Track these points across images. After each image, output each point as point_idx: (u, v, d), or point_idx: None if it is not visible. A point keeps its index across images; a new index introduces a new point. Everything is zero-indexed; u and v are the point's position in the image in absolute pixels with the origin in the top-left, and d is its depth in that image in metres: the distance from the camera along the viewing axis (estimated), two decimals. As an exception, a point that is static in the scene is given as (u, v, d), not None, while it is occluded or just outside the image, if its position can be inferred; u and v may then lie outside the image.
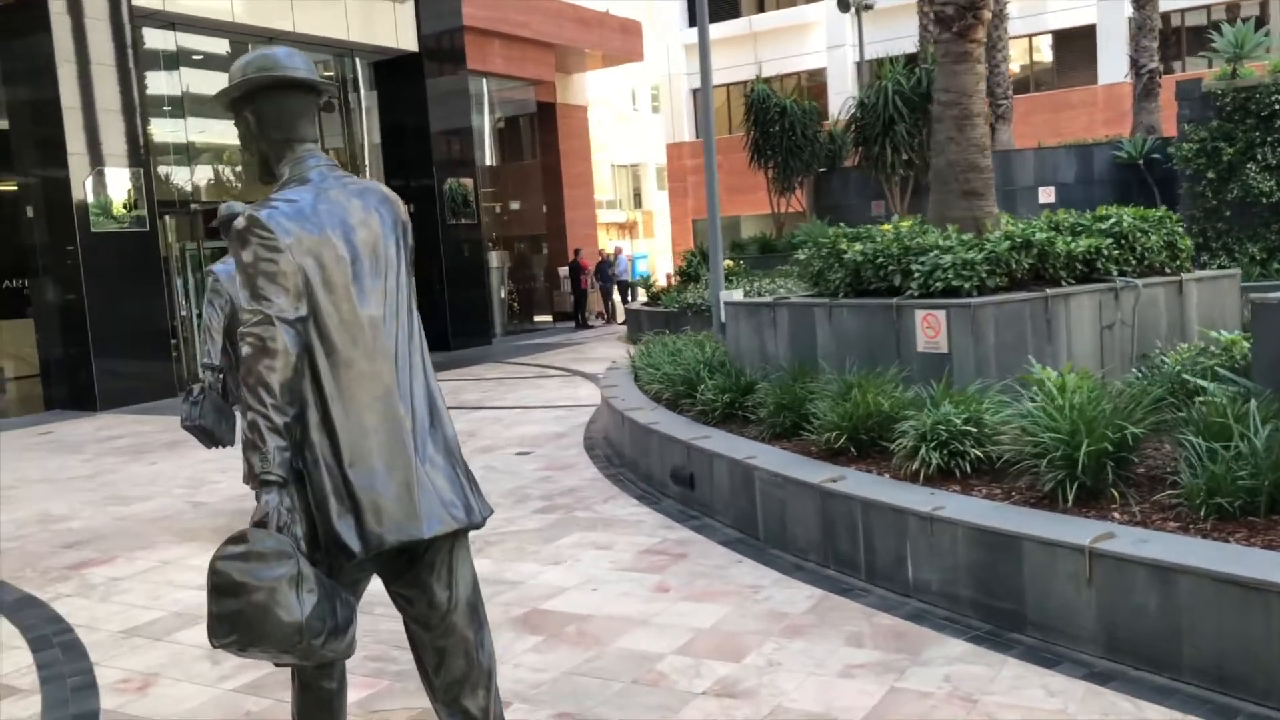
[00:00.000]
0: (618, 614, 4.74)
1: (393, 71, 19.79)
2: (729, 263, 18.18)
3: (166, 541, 6.81)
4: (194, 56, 17.52)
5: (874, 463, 5.40)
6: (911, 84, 16.66)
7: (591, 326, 24.33)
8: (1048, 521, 4.12)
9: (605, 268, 25.47)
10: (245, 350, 2.50)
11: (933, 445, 4.92)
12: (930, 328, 6.22)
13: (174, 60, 17.08)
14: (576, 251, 24.85)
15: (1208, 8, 27.78)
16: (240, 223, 2.59)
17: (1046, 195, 17.38)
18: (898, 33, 23.05)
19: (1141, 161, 17.19)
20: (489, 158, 23.32)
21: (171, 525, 7.27)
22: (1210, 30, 27.70)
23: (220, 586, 2.38)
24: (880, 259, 6.70)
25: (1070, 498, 4.23)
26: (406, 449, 2.64)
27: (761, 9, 33.91)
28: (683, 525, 6.15)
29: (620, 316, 25.05)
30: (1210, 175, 14.66)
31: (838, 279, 7.04)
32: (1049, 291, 6.28)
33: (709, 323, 15.06)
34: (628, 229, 41.31)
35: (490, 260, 22.29)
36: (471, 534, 2.88)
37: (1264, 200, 14.07)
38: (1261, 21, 19.93)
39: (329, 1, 17.95)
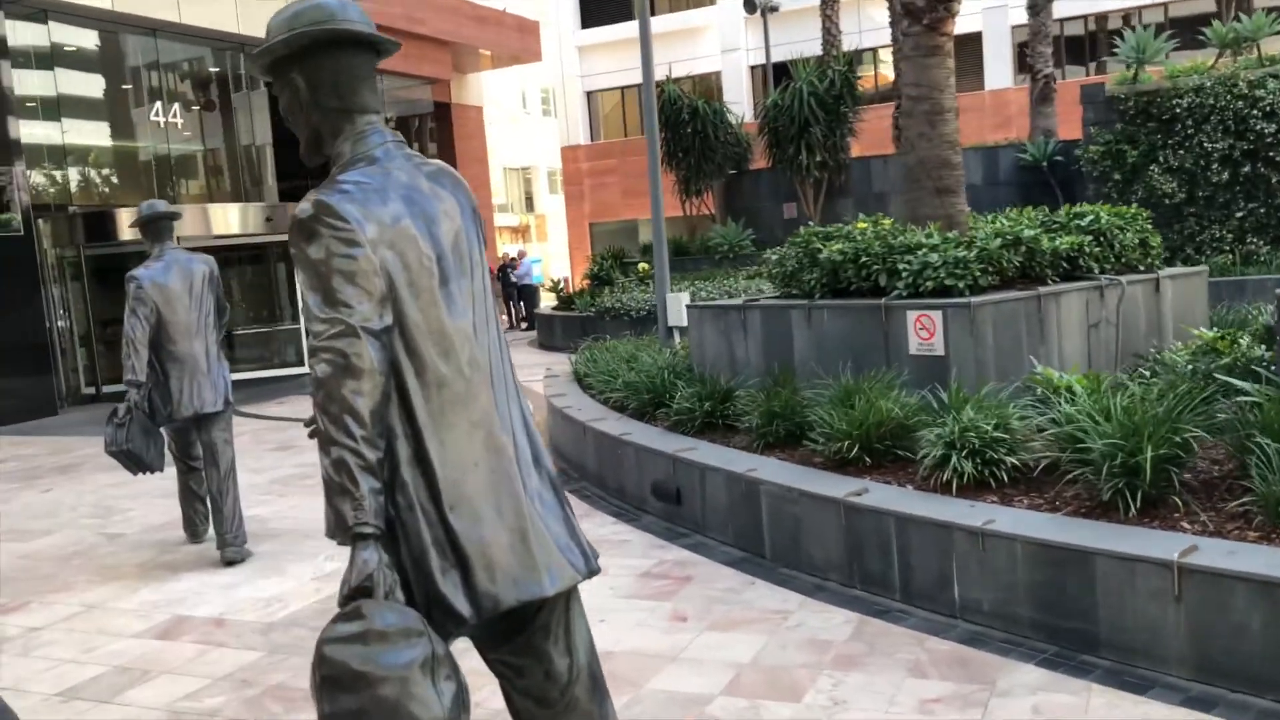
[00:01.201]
0: (641, 649, 4.29)
1: (285, 67, 18.77)
2: (643, 265, 17.86)
3: (85, 582, 6.04)
4: (66, 49, 16.24)
5: (890, 473, 5.09)
6: (825, 85, 16.62)
7: (495, 333, 23.66)
8: (1118, 534, 3.86)
9: (507, 271, 24.84)
10: (322, 370, 1.99)
11: (964, 454, 4.63)
12: (924, 329, 5.96)
13: (47, 59, 15.77)
14: (477, 256, 24.13)
15: (1084, 18, 28.79)
16: (305, 210, 2.08)
17: (955, 197, 17.56)
18: (801, 35, 23.12)
19: (1045, 164, 17.55)
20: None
21: (87, 563, 6.48)
22: (1094, 38, 28.77)
23: (335, 680, 1.87)
24: (863, 258, 6.41)
25: (1135, 507, 3.98)
26: (514, 486, 2.16)
27: (653, 12, 33.76)
28: (675, 544, 5.73)
29: (523, 322, 24.46)
30: (1116, 177, 15.00)
31: (814, 279, 6.73)
32: (1041, 290, 6.10)
33: (630, 327, 14.71)
34: (520, 233, 40.62)
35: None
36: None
37: (1167, 201, 14.45)
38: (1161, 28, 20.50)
39: (217, -8, 16.91)
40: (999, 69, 28.28)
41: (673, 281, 16.57)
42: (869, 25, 24.66)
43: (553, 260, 38.07)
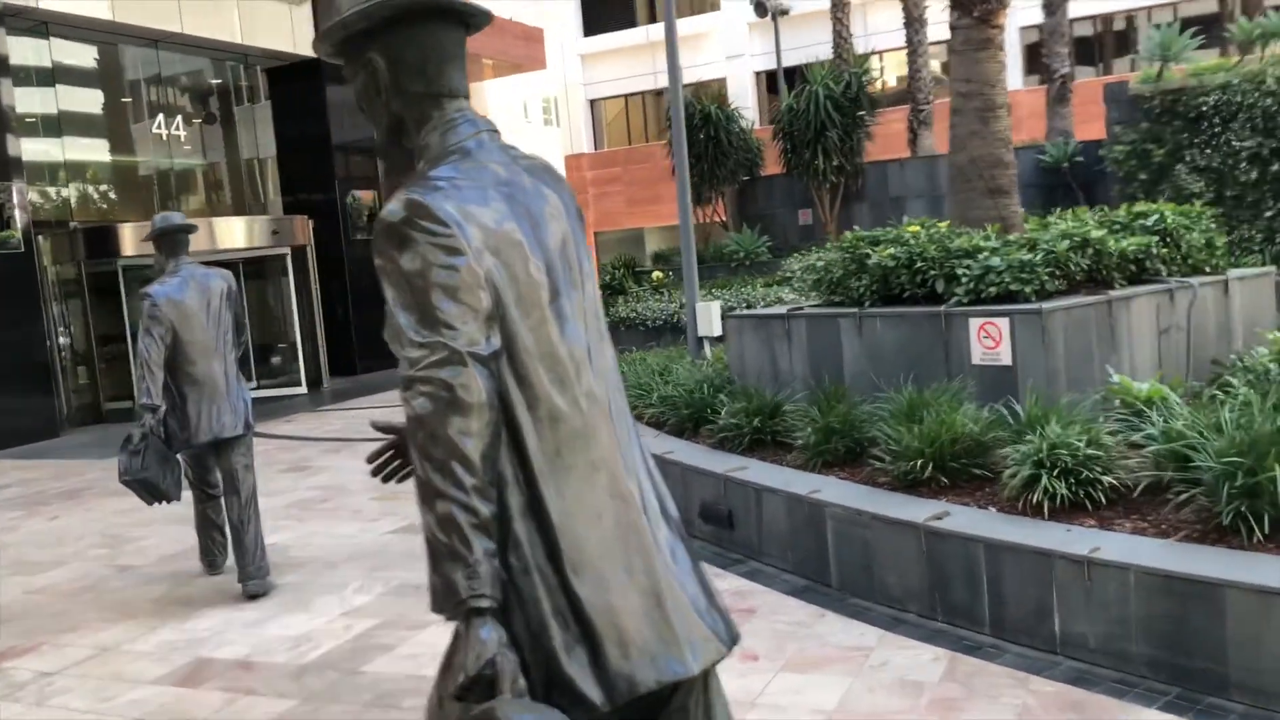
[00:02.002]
0: (714, 694, 3.92)
1: (289, 79, 18.46)
2: (657, 273, 17.51)
3: (97, 620, 5.66)
4: (66, 64, 15.90)
5: (966, 494, 4.73)
6: (841, 89, 16.29)
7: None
8: (1250, 563, 3.50)
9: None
10: (421, 405, 1.63)
11: (1054, 473, 4.27)
12: (989, 337, 5.61)
13: (48, 75, 15.44)
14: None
15: (1092, 18, 28.55)
16: (395, 212, 1.72)
17: (973, 200, 17.23)
18: (809, 40, 22.82)
19: (1066, 165, 17.22)
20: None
21: (99, 598, 6.11)
22: (1101, 39, 28.50)
23: None
24: (918, 263, 6.07)
25: (1262, 532, 3.62)
26: (644, 540, 1.81)
27: (653, 19, 33.46)
28: (730, 572, 5.36)
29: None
30: (1142, 177, 14.67)
31: (863, 286, 6.38)
32: (1111, 294, 5.75)
33: (650, 337, 14.36)
34: (522, 244, 40.26)
35: (395, 278, 20.96)
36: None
37: (1195, 201, 14.12)
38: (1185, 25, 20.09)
39: (219, 2, 16.58)
40: (1010, 70, 27.94)
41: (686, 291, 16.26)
42: (875, 29, 24.34)
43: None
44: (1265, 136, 13.85)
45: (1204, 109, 14.25)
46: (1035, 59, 28.00)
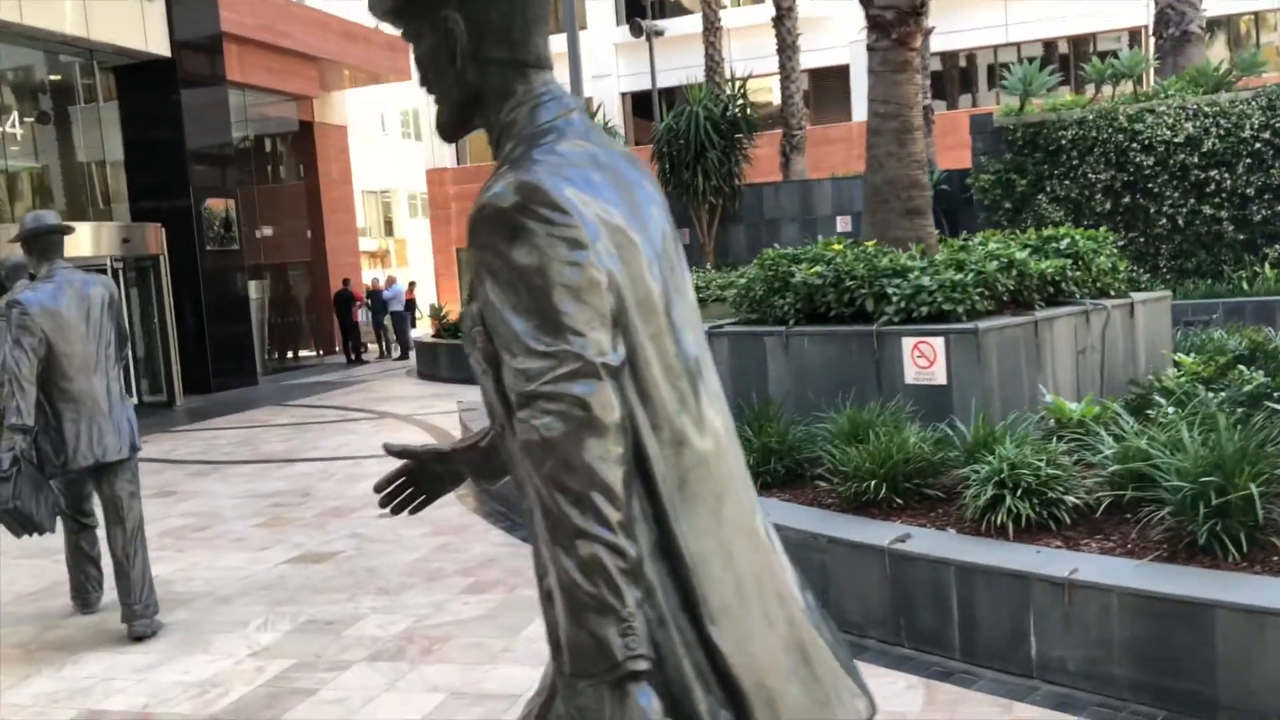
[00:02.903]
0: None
1: (139, 79, 17.32)
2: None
3: (-44, 668, 5.00)
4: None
5: (921, 515, 4.64)
6: (720, 110, 16.40)
7: (365, 362, 22.48)
8: (1239, 583, 3.49)
9: (376, 298, 23.68)
10: (549, 427, 1.35)
11: (1018, 494, 4.22)
12: (923, 357, 5.58)
13: None
14: (345, 281, 22.91)
15: (938, 55, 29.80)
16: (504, 196, 1.43)
17: (843, 224, 17.62)
18: (680, 63, 22.97)
19: (930, 193, 17.79)
20: (248, 178, 21.03)
21: (-47, 642, 5.40)
22: (949, 74, 29.77)
23: None
24: (846, 281, 6.01)
25: (1239, 551, 3.63)
26: (777, 581, 1.57)
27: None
28: (671, 599, 5.13)
29: (395, 351, 23.34)
30: (1007, 205, 15.27)
31: (787, 304, 6.29)
32: (1037, 315, 5.82)
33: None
34: (379, 258, 39.17)
35: (250, 291, 20.00)
36: (410, 632, 1.84)
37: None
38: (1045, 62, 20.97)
39: (63, -8, 15.44)
40: (866, 102, 28.87)
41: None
42: (748, 54, 24.72)
43: (421, 288, 36.78)
44: (1118, 170, 14.62)
45: (1063, 142, 14.94)
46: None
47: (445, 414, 12.61)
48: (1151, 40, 20.86)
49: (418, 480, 2.13)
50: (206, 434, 12.92)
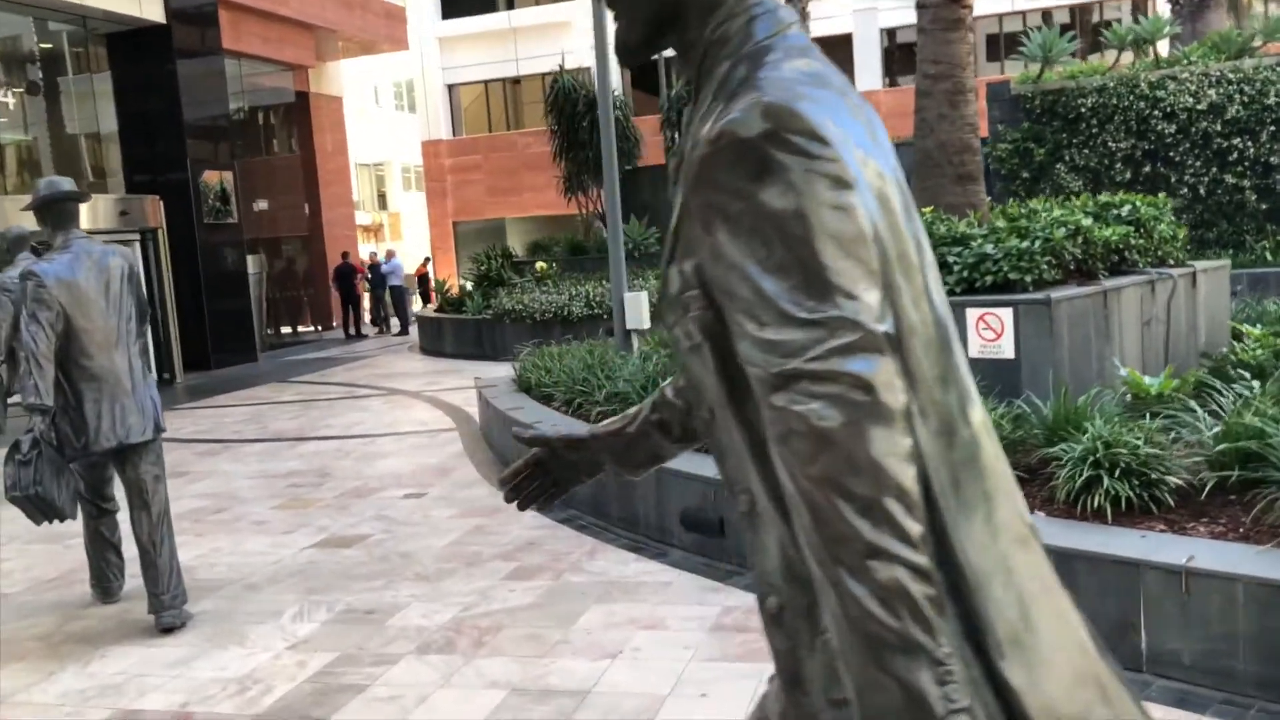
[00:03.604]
0: (780, 734, 3.42)
1: (133, 47, 16.86)
2: (541, 264, 16.85)
3: (-26, 662, 4.71)
4: None
5: (1002, 497, 4.37)
6: (731, 77, 16.01)
7: (365, 336, 22.13)
8: (1379, 572, 3.24)
9: (376, 272, 23.31)
10: (820, 414, 1.05)
11: (1115, 474, 3.96)
12: (989, 329, 5.30)
13: None
14: (344, 255, 22.53)
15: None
16: (750, 122, 1.12)
17: (855, 195, 17.26)
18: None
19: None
20: (244, 150, 20.58)
21: (-31, 634, 5.12)
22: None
23: None
24: (902, 250, 5.71)
25: (1374, 537, 3.38)
26: (1062, 605, 1.29)
27: (511, 5, 32.62)
28: (732, 586, 4.86)
29: (395, 326, 22.99)
30: (1024, 175, 14.99)
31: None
32: (1105, 284, 5.55)
33: (538, 331, 13.70)
34: (373, 232, 38.67)
35: (248, 265, 19.61)
36: (458, 622, 1.62)
37: (1074, 199, 14.51)
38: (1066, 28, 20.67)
39: (54, -44, 14.97)
40: (869, 71, 28.54)
41: (573, 282, 15.68)
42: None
43: (409, 260, 36.39)
44: (1138, 138, 14.34)
45: (1082, 110, 14.64)
46: (896, 60, 28.67)
47: (456, 390, 12.32)
48: (1162, 7, 20.56)
49: (548, 470, 1.86)
50: (211, 412, 12.60)
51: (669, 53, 1.42)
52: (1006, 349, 5.26)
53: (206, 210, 17.55)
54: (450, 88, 32.65)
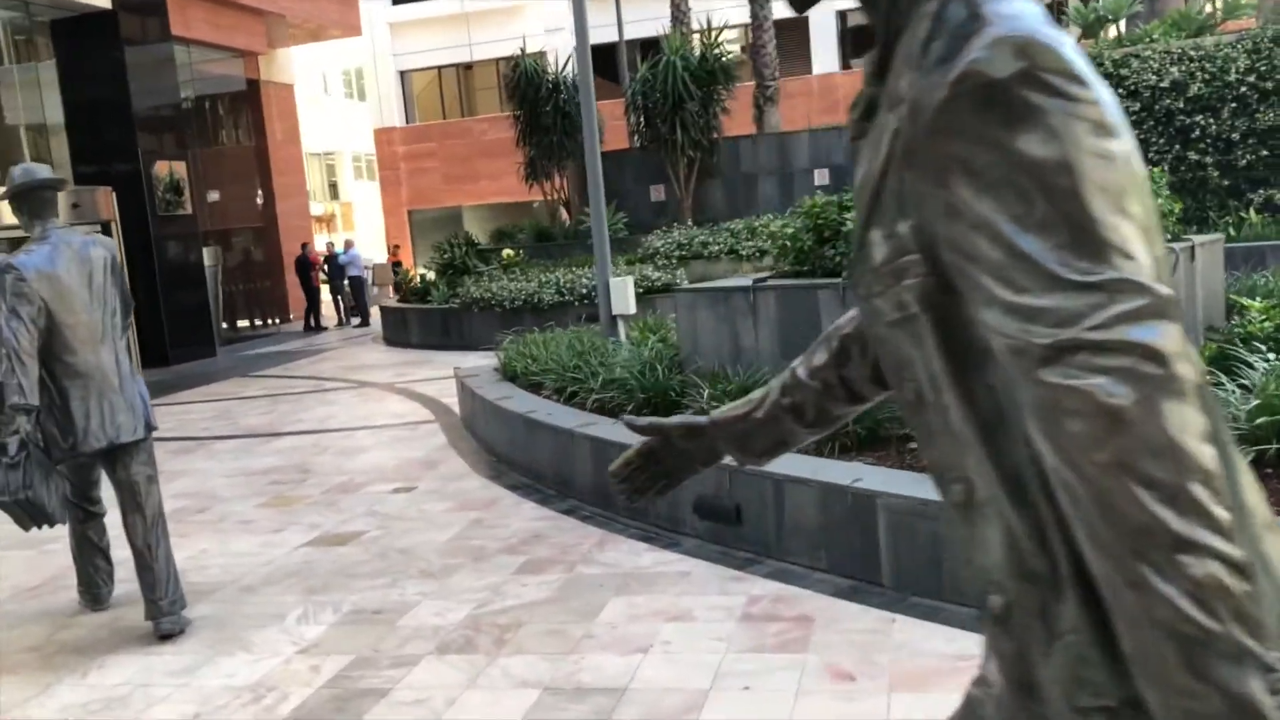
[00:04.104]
0: (834, 727, 3.33)
1: (79, 34, 16.32)
2: (508, 251, 16.63)
3: (-39, 678, 4.47)
4: None
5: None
6: (698, 60, 15.89)
7: (324, 329, 21.73)
8: None
9: (333, 263, 22.90)
10: (1108, 391, 0.92)
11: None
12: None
13: None
14: (304, 246, 22.09)
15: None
16: (1000, 62, 0.99)
17: (821, 176, 17.29)
18: (645, 15, 22.35)
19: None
20: (196, 140, 20.04)
21: (-49, 648, 4.86)
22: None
23: None
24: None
25: None
26: None
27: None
28: (754, 574, 4.76)
29: (355, 319, 22.60)
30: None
31: (839, 255, 5.92)
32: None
33: (508, 319, 13.49)
34: (325, 222, 38.03)
35: (204, 258, 19.13)
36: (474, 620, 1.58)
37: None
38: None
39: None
40: (826, 54, 28.55)
41: (541, 269, 15.48)
42: (713, 4, 24.16)
43: (367, 250, 35.86)
44: (1104, 117, 14.42)
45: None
46: (851, 43, 28.69)
47: (429, 381, 12.10)
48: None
49: (659, 460, 1.74)
50: (176, 408, 12.25)
51: (631, 35, 1.28)
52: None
53: (159, 202, 17.08)
54: (403, 74, 32.18)
